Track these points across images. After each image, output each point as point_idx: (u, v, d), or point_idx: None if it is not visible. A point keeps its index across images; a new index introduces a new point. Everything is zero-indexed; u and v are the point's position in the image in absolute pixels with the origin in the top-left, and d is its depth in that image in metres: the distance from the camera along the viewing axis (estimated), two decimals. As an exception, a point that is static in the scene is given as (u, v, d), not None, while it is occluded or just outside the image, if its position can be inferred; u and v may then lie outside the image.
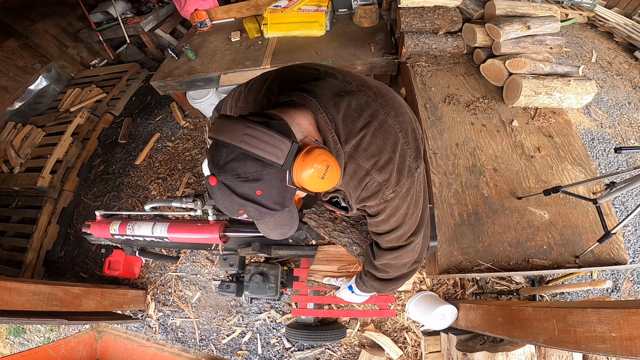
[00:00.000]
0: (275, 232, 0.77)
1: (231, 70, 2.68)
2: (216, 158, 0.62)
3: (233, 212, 0.65)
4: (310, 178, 0.63)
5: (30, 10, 3.71)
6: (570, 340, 0.95)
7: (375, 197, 0.76)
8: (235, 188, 0.61)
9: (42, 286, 1.64)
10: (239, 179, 0.60)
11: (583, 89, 2.13)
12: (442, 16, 2.52)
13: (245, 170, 0.60)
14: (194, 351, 2.12)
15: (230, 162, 0.61)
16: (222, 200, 0.64)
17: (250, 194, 0.62)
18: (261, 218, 0.68)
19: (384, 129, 0.72)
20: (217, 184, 0.62)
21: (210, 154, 0.64)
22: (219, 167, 0.61)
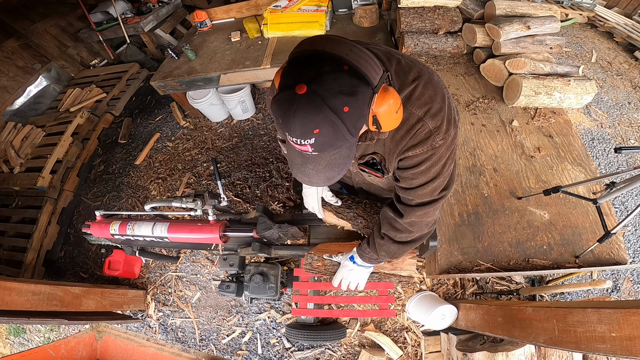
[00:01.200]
0: (324, 174, 0.74)
1: (231, 70, 2.68)
2: (307, 69, 0.60)
3: (308, 131, 0.60)
4: (388, 109, 0.66)
5: (30, 10, 3.71)
6: (570, 340, 0.95)
7: (424, 144, 0.79)
8: (327, 98, 0.58)
9: (42, 286, 1.64)
10: (335, 90, 0.59)
11: (583, 89, 2.13)
12: (442, 16, 2.52)
13: (341, 82, 0.59)
14: (194, 351, 2.12)
15: (324, 74, 0.59)
16: (303, 113, 0.59)
17: (340, 107, 0.59)
18: (329, 147, 0.65)
19: (433, 83, 0.78)
20: (307, 92, 0.58)
21: (295, 66, 0.62)
22: (312, 77, 0.59)
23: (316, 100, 0.58)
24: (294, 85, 0.59)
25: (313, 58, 0.62)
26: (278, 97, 0.62)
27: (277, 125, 0.72)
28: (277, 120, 0.66)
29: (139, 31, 3.79)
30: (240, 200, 2.57)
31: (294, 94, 0.59)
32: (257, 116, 3.17)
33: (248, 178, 2.70)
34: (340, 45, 0.63)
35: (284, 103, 0.60)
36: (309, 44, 0.66)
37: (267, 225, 1.47)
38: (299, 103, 0.59)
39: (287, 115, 0.60)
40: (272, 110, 0.66)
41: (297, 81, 0.59)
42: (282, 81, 0.64)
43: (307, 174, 0.75)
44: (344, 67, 0.61)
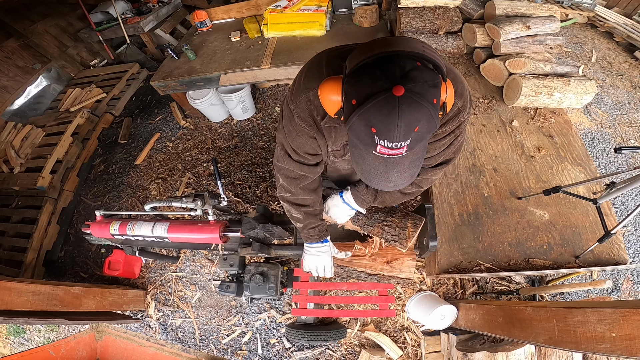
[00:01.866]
0: (408, 172, 0.73)
1: (231, 70, 2.68)
2: (391, 71, 0.59)
3: (410, 131, 0.60)
4: (451, 97, 0.68)
5: (30, 10, 3.71)
6: (570, 340, 0.95)
7: (453, 120, 0.83)
8: (423, 94, 0.59)
9: (42, 286, 1.64)
10: (424, 84, 0.59)
11: (583, 89, 2.13)
12: (442, 16, 2.52)
13: (426, 77, 0.60)
14: (194, 351, 2.12)
15: (409, 72, 0.59)
16: (408, 114, 0.58)
17: (432, 100, 0.60)
18: (420, 141, 0.65)
19: (451, 69, 0.81)
20: (406, 92, 0.57)
21: (373, 72, 0.61)
22: (402, 77, 0.58)
23: (416, 98, 0.58)
24: (387, 88, 0.58)
25: (393, 59, 0.61)
26: (370, 105, 0.59)
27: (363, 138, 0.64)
28: (364, 132, 0.63)
29: (139, 31, 3.79)
30: (240, 200, 2.57)
31: (392, 97, 0.57)
32: (257, 116, 3.17)
33: (248, 178, 2.70)
34: (413, 43, 0.65)
35: (383, 109, 0.58)
36: (383, 44, 0.64)
37: (251, 225, 1.47)
38: (401, 105, 0.57)
39: (389, 120, 0.59)
40: (357, 122, 0.62)
41: (389, 84, 0.58)
42: (360, 87, 0.62)
43: (392, 179, 0.73)
44: (421, 62, 0.62)
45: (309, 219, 1.17)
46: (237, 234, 1.62)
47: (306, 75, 0.85)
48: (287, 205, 1.14)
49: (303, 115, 0.86)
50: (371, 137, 0.62)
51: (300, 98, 0.83)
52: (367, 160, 0.71)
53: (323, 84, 0.70)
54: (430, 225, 1.30)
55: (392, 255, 1.44)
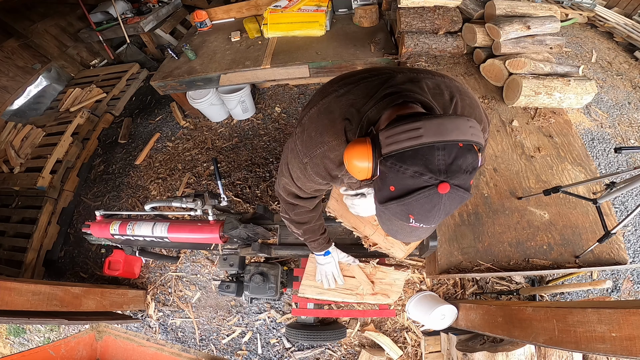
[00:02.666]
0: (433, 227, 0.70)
1: (231, 70, 2.69)
2: (434, 163, 0.57)
3: (448, 214, 0.62)
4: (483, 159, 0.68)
5: (30, 10, 3.71)
6: (570, 340, 0.95)
7: None
8: (465, 184, 0.59)
9: (42, 286, 1.64)
10: (466, 173, 0.59)
11: (583, 89, 2.13)
12: (442, 16, 2.52)
13: (467, 164, 0.59)
14: (194, 351, 2.12)
15: (454, 161, 0.58)
16: (449, 208, 0.59)
17: (470, 184, 0.60)
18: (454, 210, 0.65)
19: (465, 93, 0.81)
20: (451, 189, 0.56)
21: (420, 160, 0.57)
22: (447, 171, 0.57)
23: (459, 192, 0.58)
24: (432, 184, 0.57)
25: (436, 147, 0.57)
26: (412, 200, 0.58)
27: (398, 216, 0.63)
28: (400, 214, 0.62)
29: (139, 31, 3.79)
30: (240, 200, 2.57)
31: (437, 194, 0.57)
32: (257, 116, 3.17)
33: (248, 178, 2.70)
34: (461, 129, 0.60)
35: (426, 204, 0.59)
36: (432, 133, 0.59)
37: (233, 225, 1.47)
38: (444, 202, 0.58)
39: (430, 214, 0.60)
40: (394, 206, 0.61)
41: (434, 180, 0.57)
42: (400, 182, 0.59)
43: (417, 235, 0.72)
44: (462, 144, 0.59)
45: (308, 234, 1.21)
46: (237, 234, 1.62)
47: (317, 127, 0.80)
48: (287, 223, 1.17)
49: (318, 170, 0.84)
50: (407, 218, 0.62)
51: (315, 153, 0.80)
52: (396, 224, 0.69)
53: (349, 149, 0.66)
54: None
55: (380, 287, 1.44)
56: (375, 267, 1.43)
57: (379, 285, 1.44)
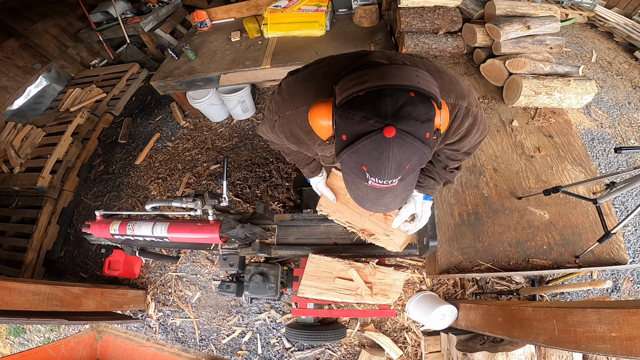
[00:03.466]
0: (400, 197, 0.72)
1: (231, 70, 2.68)
2: (382, 108, 0.57)
3: (401, 170, 0.59)
4: (446, 118, 0.68)
5: (30, 10, 3.71)
6: (570, 340, 0.95)
7: (466, 118, 0.84)
8: (416, 132, 0.57)
9: (42, 286, 1.64)
10: (417, 121, 0.57)
11: (583, 89, 2.13)
12: (442, 16, 2.52)
13: (418, 112, 0.58)
14: (194, 351, 2.12)
15: (402, 107, 0.57)
16: (399, 155, 0.57)
17: (424, 136, 0.58)
18: (412, 172, 0.64)
19: (444, 72, 0.81)
20: (397, 133, 0.55)
21: (363, 107, 0.58)
22: (393, 115, 0.56)
23: (408, 139, 0.57)
24: (378, 129, 0.56)
25: (385, 93, 0.58)
26: (360, 145, 0.58)
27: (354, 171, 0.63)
28: (355, 167, 0.62)
29: (139, 31, 3.79)
30: (240, 200, 2.57)
31: (383, 138, 0.56)
32: (257, 116, 3.17)
33: (248, 178, 2.70)
34: (407, 73, 0.61)
35: (373, 151, 0.57)
36: (377, 78, 0.61)
37: (230, 224, 1.46)
38: (392, 147, 0.56)
39: (378, 161, 0.58)
40: (347, 158, 0.61)
41: (380, 124, 0.56)
42: (350, 124, 0.59)
43: (384, 204, 0.73)
44: (413, 94, 0.59)
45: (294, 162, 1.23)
46: (237, 234, 1.62)
47: (292, 91, 0.83)
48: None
49: (283, 130, 0.87)
50: (362, 173, 0.62)
51: (284, 114, 0.83)
52: (360, 187, 0.70)
53: (313, 108, 0.69)
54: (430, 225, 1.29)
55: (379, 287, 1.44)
56: (374, 267, 1.43)
57: (378, 286, 1.44)
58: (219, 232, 1.57)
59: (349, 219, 1.37)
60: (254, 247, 1.54)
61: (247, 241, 1.60)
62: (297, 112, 0.81)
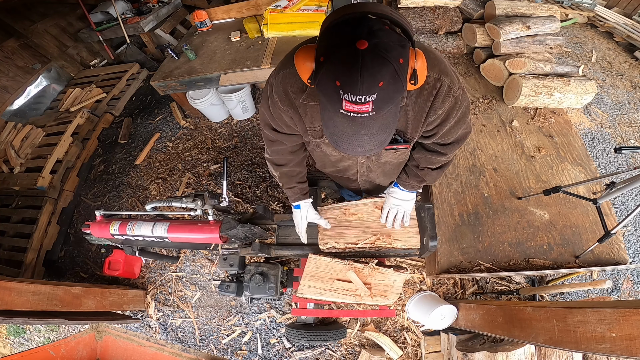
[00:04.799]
0: (377, 137, 0.73)
1: (231, 70, 2.68)
2: (358, 28, 0.61)
3: (373, 85, 0.61)
4: (422, 62, 0.70)
5: (30, 10, 3.70)
6: (570, 340, 0.95)
7: (447, 98, 0.86)
8: (388, 50, 0.60)
9: (42, 286, 1.64)
10: (390, 42, 0.61)
11: (583, 89, 2.13)
12: (442, 16, 2.52)
13: (392, 37, 0.62)
14: (194, 351, 2.12)
15: (376, 31, 0.61)
16: (370, 66, 0.59)
17: (397, 59, 0.61)
18: (388, 101, 0.65)
19: (429, 49, 0.85)
20: (369, 46, 0.59)
21: (342, 29, 0.63)
22: (367, 33, 0.60)
23: (380, 52, 0.59)
24: (350, 43, 0.59)
25: (360, 19, 0.63)
26: (334, 58, 0.61)
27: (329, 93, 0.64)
28: (330, 87, 0.63)
29: (139, 31, 3.79)
30: (240, 200, 2.57)
31: (356, 49, 0.59)
32: (257, 116, 3.17)
33: (248, 178, 2.70)
34: (382, 7, 0.67)
35: (346, 61, 0.60)
36: (349, 9, 0.67)
37: (230, 224, 1.46)
38: (364, 57, 0.59)
39: (351, 72, 0.60)
40: (322, 77, 0.64)
41: (354, 39, 0.59)
42: (327, 45, 0.64)
43: (360, 142, 0.73)
44: (390, 23, 0.65)
45: (284, 179, 1.26)
46: (237, 234, 1.62)
47: (290, 54, 0.90)
48: (269, 165, 1.24)
49: (278, 90, 0.90)
50: (337, 91, 0.62)
51: (279, 74, 0.89)
52: (336, 121, 0.71)
53: (298, 51, 0.73)
54: (430, 225, 1.30)
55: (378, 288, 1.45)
56: (374, 268, 1.43)
57: (377, 287, 1.44)
58: (219, 232, 1.57)
59: (359, 237, 1.39)
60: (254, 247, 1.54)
61: (247, 241, 1.60)
62: (292, 70, 0.85)
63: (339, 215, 1.47)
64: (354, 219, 1.45)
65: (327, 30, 0.66)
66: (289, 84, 0.88)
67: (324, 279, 1.43)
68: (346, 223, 1.45)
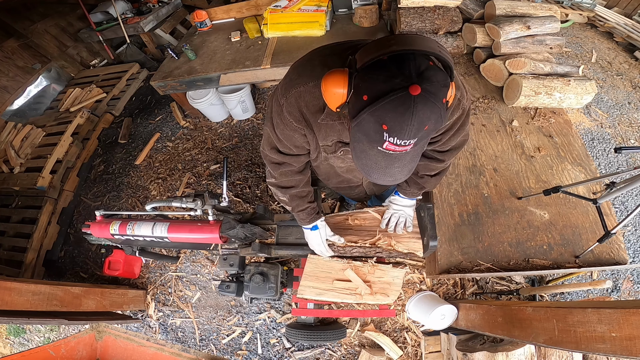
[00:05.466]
0: (407, 167, 0.73)
1: (231, 70, 2.68)
2: (407, 69, 0.60)
3: (421, 129, 0.61)
4: (453, 94, 0.69)
5: (30, 10, 3.71)
6: (570, 340, 0.95)
7: (457, 109, 0.88)
8: (437, 94, 0.60)
9: (42, 286, 1.64)
10: (437, 84, 0.61)
11: (583, 89, 2.13)
12: (442, 16, 2.52)
13: (438, 77, 0.61)
14: (194, 351, 2.12)
15: (425, 70, 0.61)
16: (422, 113, 0.59)
17: (443, 99, 0.62)
18: (425, 138, 0.67)
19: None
20: (422, 92, 0.58)
21: (387, 69, 0.61)
22: (417, 76, 0.59)
23: (431, 98, 0.60)
24: (403, 87, 0.58)
25: (409, 57, 0.61)
26: (385, 104, 0.59)
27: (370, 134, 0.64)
28: (373, 129, 0.63)
29: (139, 31, 3.79)
30: (240, 200, 2.57)
31: (409, 96, 0.58)
32: (257, 116, 3.17)
33: (248, 178, 2.70)
34: (428, 42, 0.65)
35: (399, 107, 0.59)
36: (401, 42, 0.64)
37: (230, 224, 1.46)
38: (416, 104, 0.59)
39: (402, 118, 0.60)
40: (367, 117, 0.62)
41: (406, 82, 0.59)
42: (371, 83, 0.62)
43: (392, 173, 0.73)
44: (434, 61, 0.63)
45: (295, 201, 1.18)
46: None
47: (298, 71, 0.85)
48: (274, 190, 1.17)
49: (291, 110, 0.86)
50: (380, 133, 0.63)
51: (291, 93, 0.84)
52: (370, 155, 0.71)
53: (327, 76, 0.70)
54: (430, 225, 1.30)
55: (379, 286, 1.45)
56: (373, 265, 1.43)
57: (377, 285, 1.44)
58: (219, 232, 1.57)
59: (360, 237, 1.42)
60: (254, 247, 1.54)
61: (247, 241, 1.60)
62: (305, 88, 0.82)
63: (342, 220, 1.49)
64: (356, 224, 1.47)
65: (372, 66, 0.63)
66: (303, 103, 0.84)
67: (324, 279, 1.43)
68: (349, 227, 1.46)
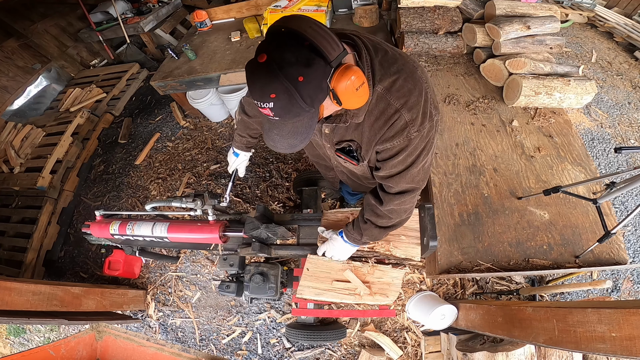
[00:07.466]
0: (287, 141, 0.79)
1: (231, 70, 2.68)
2: (272, 42, 0.67)
3: (265, 95, 0.67)
4: (347, 85, 0.71)
5: (30, 10, 3.71)
6: (570, 340, 0.95)
7: (400, 135, 0.85)
8: (282, 67, 0.64)
9: (42, 286, 1.64)
10: (290, 59, 0.65)
11: (583, 89, 2.13)
12: (442, 16, 2.52)
13: (298, 54, 0.66)
14: (194, 351, 2.12)
15: (285, 45, 0.66)
16: (261, 78, 0.66)
17: (294, 76, 0.65)
18: (287, 113, 0.70)
19: (414, 77, 0.83)
20: (266, 60, 0.65)
21: (265, 40, 0.70)
22: (274, 48, 0.66)
23: (272, 67, 0.65)
24: (258, 54, 0.67)
25: (279, 33, 0.68)
26: (246, 65, 0.71)
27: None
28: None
29: (139, 31, 3.79)
30: (240, 200, 2.57)
31: (256, 62, 0.67)
32: (257, 116, 3.17)
33: (248, 178, 2.70)
34: (302, 23, 0.69)
35: (248, 70, 0.70)
36: (282, 21, 0.72)
37: (254, 225, 1.47)
38: (258, 70, 0.67)
39: (249, 79, 0.69)
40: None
41: (261, 51, 0.67)
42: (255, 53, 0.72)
43: (272, 138, 0.80)
44: (305, 42, 0.67)
45: (242, 125, 1.36)
46: (237, 234, 1.62)
47: None
48: (238, 106, 1.33)
49: None
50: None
51: None
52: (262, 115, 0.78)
53: None
54: (430, 225, 1.30)
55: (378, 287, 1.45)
56: (372, 265, 1.43)
57: (377, 285, 1.44)
58: (218, 232, 1.57)
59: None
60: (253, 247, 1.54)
61: (268, 242, 1.60)
62: None
63: (343, 218, 1.50)
64: None
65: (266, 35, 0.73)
66: None
67: (324, 279, 1.43)
68: None
